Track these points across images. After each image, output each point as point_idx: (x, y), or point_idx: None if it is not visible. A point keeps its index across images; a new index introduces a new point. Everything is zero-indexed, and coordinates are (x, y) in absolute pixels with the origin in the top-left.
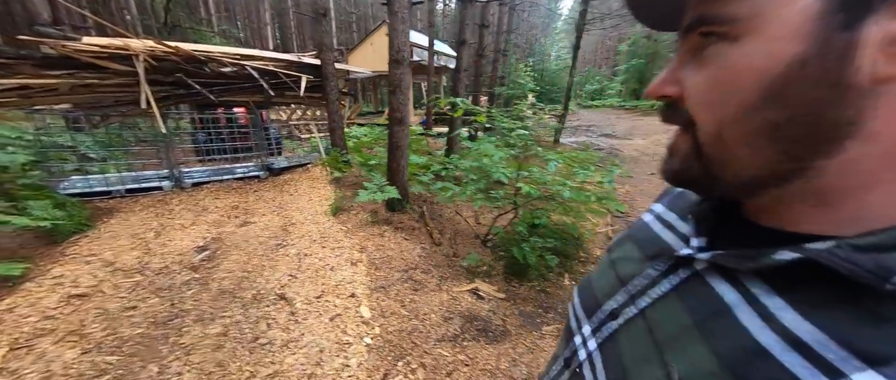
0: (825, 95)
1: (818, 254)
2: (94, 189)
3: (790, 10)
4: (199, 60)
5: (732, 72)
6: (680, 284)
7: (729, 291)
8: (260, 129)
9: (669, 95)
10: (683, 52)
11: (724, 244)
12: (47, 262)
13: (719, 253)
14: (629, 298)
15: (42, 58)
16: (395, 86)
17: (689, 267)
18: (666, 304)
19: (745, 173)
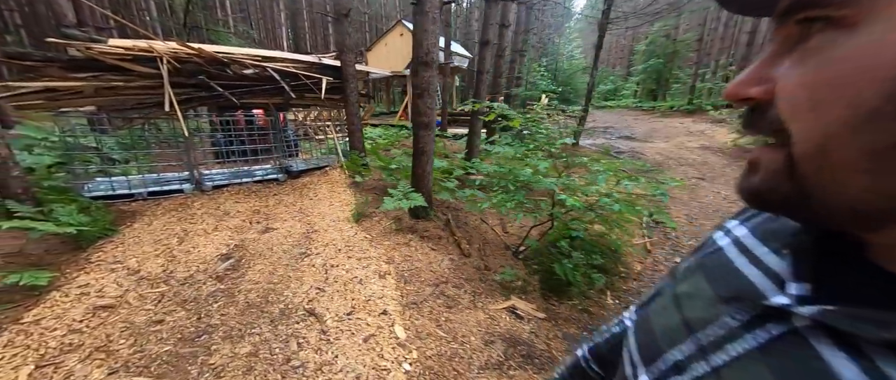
0: None
1: None
2: (116, 192)
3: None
4: (222, 62)
5: (846, 68)
6: (769, 342)
7: (846, 364)
8: (279, 131)
9: (754, 97)
10: (778, 44)
11: (833, 294)
12: (73, 269)
13: (831, 310)
14: (699, 350)
15: (68, 60)
16: (422, 89)
17: (785, 322)
18: (749, 366)
19: (860, 202)
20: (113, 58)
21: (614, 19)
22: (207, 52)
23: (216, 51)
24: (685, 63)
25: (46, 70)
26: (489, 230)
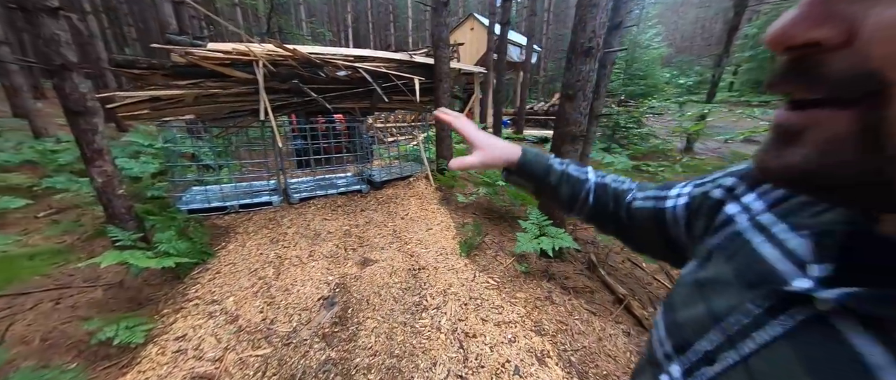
0: None
1: None
2: (211, 204)
3: None
4: (315, 64)
5: None
6: (795, 329)
7: (874, 348)
8: (362, 136)
9: (823, 41)
10: None
11: (858, 276)
12: (170, 309)
13: (856, 292)
14: (727, 339)
15: (171, 67)
16: (578, 88)
17: (808, 307)
18: (776, 353)
19: None
20: (212, 63)
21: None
22: (301, 53)
23: (310, 51)
24: None
25: (151, 78)
26: (647, 275)
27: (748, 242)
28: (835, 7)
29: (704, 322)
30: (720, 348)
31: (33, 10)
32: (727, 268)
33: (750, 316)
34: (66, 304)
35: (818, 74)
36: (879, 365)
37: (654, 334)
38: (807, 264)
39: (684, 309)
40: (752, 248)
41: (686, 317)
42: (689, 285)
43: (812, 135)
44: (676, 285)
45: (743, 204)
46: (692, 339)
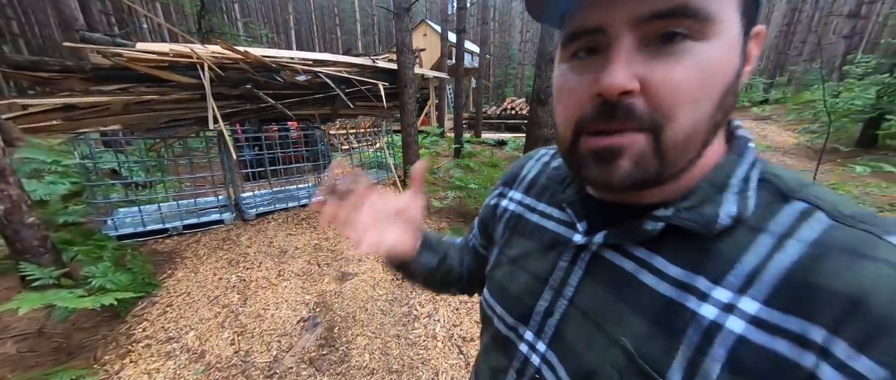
0: (734, 103)
1: (673, 219)
2: (147, 228)
3: (732, 27)
4: (270, 68)
5: (709, 72)
6: (588, 267)
7: (625, 261)
8: (322, 144)
9: (633, 90)
10: (631, 44)
11: (596, 223)
12: (114, 355)
13: (606, 233)
14: (555, 292)
15: (92, 69)
16: (548, 94)
17: (588, 250)
18: (586, 288)
19: (682, 166)
20: (146, 65)
21: None
22: (254, 55)
23: (263, 54)
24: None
25: (65, 83)
26: None
27: (530, 222)
28: (633, 69)
29: (532, 285)
30: (553, 300)
31: None
32: (529, 243)
33: (562, 269)
34: None
35: (631, 111)
36: (634, 270)
37: (493, 317)
38: (575, 224)
39: (512, 283)
40: (537, 224)
41: (517, 288)
42: (507, 265)
43: (628, 152)
44: (493, 271)
45: (509, 198)
46: (531, 303)
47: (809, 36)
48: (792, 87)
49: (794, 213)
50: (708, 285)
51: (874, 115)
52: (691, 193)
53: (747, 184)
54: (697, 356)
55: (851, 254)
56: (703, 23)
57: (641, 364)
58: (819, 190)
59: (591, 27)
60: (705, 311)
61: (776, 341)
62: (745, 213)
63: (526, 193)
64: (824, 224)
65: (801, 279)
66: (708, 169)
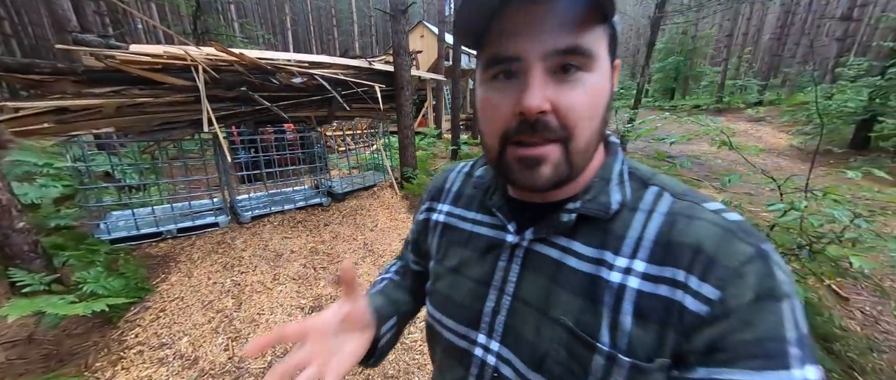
0: (608, 118)
1: (581, 210)
2: (140, 231)
3: (605, 62)
4: (266, 70)
5: (596, 95)
6: (523, 261)
7: (551, 250)
8: (318, 146)
9: (547, 110)
10: (542, 73)
11: (523, 222)
12: (105, 362)
13: (536, 231)
14: (499, 292)
15: (84, 72)
16: None
17: (520, 247)
18: (525, 280)
19: (582, 170)
20: (139, 67)
21: (672, 12)
22: (249, 57)
23: (259, 56)
24: (706, 60)
25: (57, 85)
26: None
27: (463, 231)
28: (546, 93)
29: (476, 290)
30: (498, 299)
31: None
32: (466, 251)
33: (502, 269)
34: None
35: (548, 126)
36: (559, 257)
37: (442, 332)
38: (506, 225)
39: (456, 292)
40: (470, 231)
41: (462, 296)
42: (448, 276)
43: (551, 160)
44: (434, 285)
45: (439, 211)
46: (476, 305)
47: (803, 38)
48: (786, 89)
49: (652, 194)
50: (612, 257)
51: (866, 117)
52: (589, 188)
53: (622, 177)
54: (615, 315)
55: (688, 217)
56: (589, 58)
57: (580, 334)
58: (663, 177)
59: (511, 55)
60: (614, 277)
61: (659, 287)
62: (625, 198)
63: (454, 204)
64: (670, 200)
65: (665, 240)
66: (597, 168)
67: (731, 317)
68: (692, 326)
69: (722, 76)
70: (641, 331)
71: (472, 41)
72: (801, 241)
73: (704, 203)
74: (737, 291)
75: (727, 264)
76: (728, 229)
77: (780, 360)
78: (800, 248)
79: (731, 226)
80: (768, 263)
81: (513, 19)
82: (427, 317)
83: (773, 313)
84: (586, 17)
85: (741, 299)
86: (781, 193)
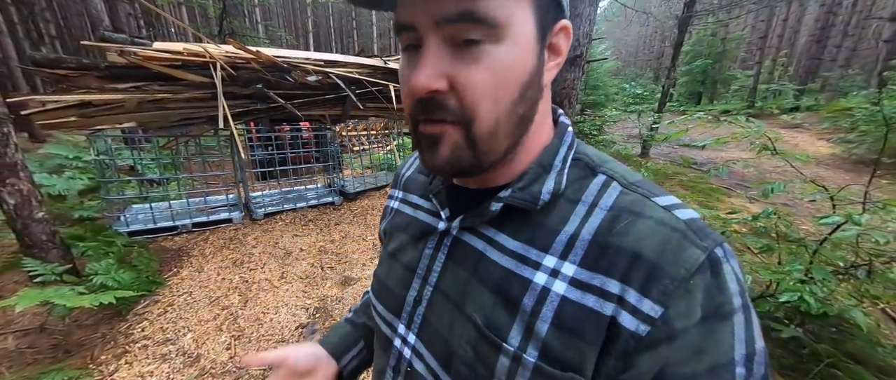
0: (537, 95)
1: (508, 199)
2: (157, 224)
3: (525, 28)
4: (282, 68)
5: (504, 71)
6: (449, 251)
7: (477, 241)
8: (332, 145)
9: (440, 89)
10: (439, 45)
11: (457, 209)
12: (110, 355)
13: (462, 219)
14: (422, 280)
15: (107, 68)
16: (564, 96)
17: (449, 235)
18: (448, 271)
19: (498, 155)
20: (159, 64)
21: (701, 12)
22: (266, 55)
23: (275, 54)
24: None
25: (81, 80)
26: None
27: (407, 214)
28: (441, 69)
29: (404, 276)
30: (420, 288)
31: None
32: (404, 235)
33: (427, 257)
34: None
35: (443, 107)
36: (483, 248)
37: (376, 318)
38: (439, 213)
39: (390, 278)
40: (411, 216)
41: (393, 282)
42: (386, 261)
43: (446, 142)
44: (376, 270)
45: (393, 197)
46: (402, 292)
47: (845, 40)
48: (825, 94)
49: (598, 184)
50: (538, 255)
51: None
52: (524, 174)
53: (565, 163)
54: (532, 319)
55: (632, 214)
56: (494, 29)
57: (487, 334)
58: (615, 164)
59: (405, 23)
60: (538, 278)
61: (586, 297)
62: (560, 188)
63: (405, 190)
64: (617, 191)
65: (601, 241)
66: (537, 153)
67: (677, 341)
68: (631, 349)
69: (754, 80)
70: (557, 342)
71: (375, 2)
72: (857, 259)
73: (656, 197)
74: (683, 309)
75: (673, 275)
76: (677, 230)
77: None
78: (855, 267)
79: (681, 225)
80: (720, 273)
81: None
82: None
83: (723, 333)
84: None
85: (689, 320)
86: (834, 204)
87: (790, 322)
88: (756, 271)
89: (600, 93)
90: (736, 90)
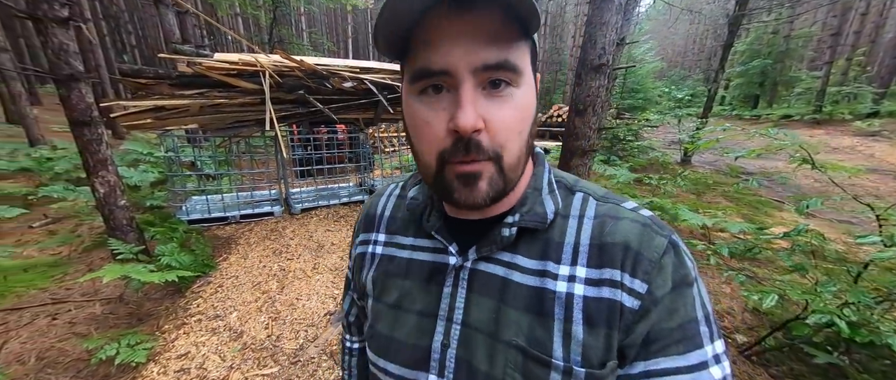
0: (536, 129)
1: (520, 222)
2: (212, 214)
3: (530, 74)
4: (321, 75)
5: (524, 109)
6: (469, 284)
7: (496, 267)
8: (364, 146)
9: (480, 128)
10: (473, 90)
11: (464, 242)
12: (172, 326)
13: (475, 250)
14: (448, 322)
15: (177, 76)
16: (587, 104)
17: (464, 269)
18: (473, 304)
19: (515, 183)
20: (219, 73)
21: (756, 10)
22: (308, 64)
23: (316, 62)
24: (802, 62)
25: (157, 88)
26: None
27: (402, 260)
28: (479, 110)
29: (422, 324)
30: (446, 330)
31: (44, 19)
32: (407, 282)
33: (448, 296)
34: (64, 319)
35: (479, 145)
36: (504, 274)
37: (382, 378)
38: (447, 247)
39: (400, 331)
40: (409, 259)
41: (407, 335)
42: (388, 313)
43: (484, 176)
44: (373, 328)
45: (374, 242)
46: (423, 342)
47: None
48: None
49: (579, 200)
50: (554, 266)
51: None
52: (525, 200)
53: (552, 186)
54: (567, 325)
55: (613, 218)
56: (517, 73)
57: (534, 353)
58: (584, 183)
59: (441, 69)
60: (560, 287)
61: (602, 290)
62: (558, 206)
63: (388, 232)
64: (595, 204)
65: (598, 242)
66: (528, 179)
67: (658, 307)
68: (630, 322)
69: (823, 82)
70: (592, 338)
71: (395, 52)
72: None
73: (623, 204)
74: (660, 281)
75: (650, 258)
76: (645, 225)
77: (695, 339)
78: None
79: (647, 221)
80: (679, 253)
81: (438, 31)
82: (370, 366)
83: (687, 297)
84: (513, 32)
85: (664, 289)
86: (881, 222)
87: (833, 350)
88: (783, 291)
89: (639, 96)
90: (800, 93)
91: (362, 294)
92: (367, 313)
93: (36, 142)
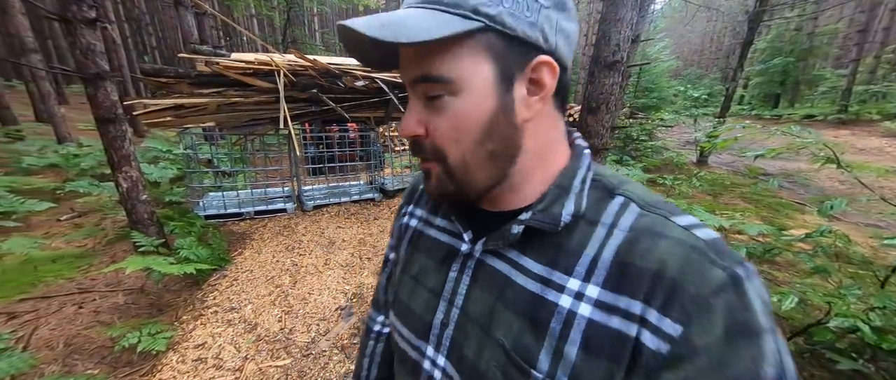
0: (511, 131)
1: (528, 222)
2: (227, 210)
3: (480, 78)
4: (334, 74)
5: (462, 119)
6: (473, 274)
7: (501, 263)
8: (375, 145)
9: (420, 134)
10: (417, 99)
11: (480, 231)
12: (190, 317)
13: (484, 241)
14: (448, 303)
15: (196, 76)
16: (601, 102)
17: (472, 258)
18: (473, 294)
19: (481, 185)
20: (236, 72)
21: (779, 6)
22: (321, 63)
23: (329, 62)
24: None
25: (177, 87)
26: None
27: (429, 237)
28: (419, 117)
29: (429, 300)
30: (447, 311)
31: (73, 21)
32: (427, 258)
33: (452, 280)
34: (89, 308)
35: (423, 150)
36: (508, 271)
37: (400, 340)
38: (462, 234)
39: (415, 302)
40: (432, 237)
41: (419, 306)
42: (409, 283)
43: (432, 174)
44: (398, 292)
45: (411, 214)
46: (428, 316)
47: None
48: None
49: (617, 205)
50: (562, 278)
51: None
52: (544, 197)
53: (584, 185)
54: (560, 343)
55: (653, 234)
56: (450, 84)
57: (515, 358)
58: (633, 185)
59: (402, 82)
60: (563, 301)
61: (611, 319)
62: (581, 209)
63: (424, 207)
64: (635, 213)
65: (622, 261)
66: (555, 175)
67: (697, 358)
68: (654, 367)
69: (849, 80)
70: (587, 364)
71: (391, 65)
72: None
73: (674, 217)
74: (703, 325)
75: (693, 293)
76: (697, 249)
77: None
78: None
79: (701, 245)
80: (743, 292)
81: (402, 49)
82: (390, 325)
83: (749, 350)
84: (445, 44)
85: (709, 337)
86: None
87: (858, 356)
88: (804, 293)
89: (654, 95)
90: (824, 92)
91: (397, 262)
92: (395, 278)
93: (63, 139)
